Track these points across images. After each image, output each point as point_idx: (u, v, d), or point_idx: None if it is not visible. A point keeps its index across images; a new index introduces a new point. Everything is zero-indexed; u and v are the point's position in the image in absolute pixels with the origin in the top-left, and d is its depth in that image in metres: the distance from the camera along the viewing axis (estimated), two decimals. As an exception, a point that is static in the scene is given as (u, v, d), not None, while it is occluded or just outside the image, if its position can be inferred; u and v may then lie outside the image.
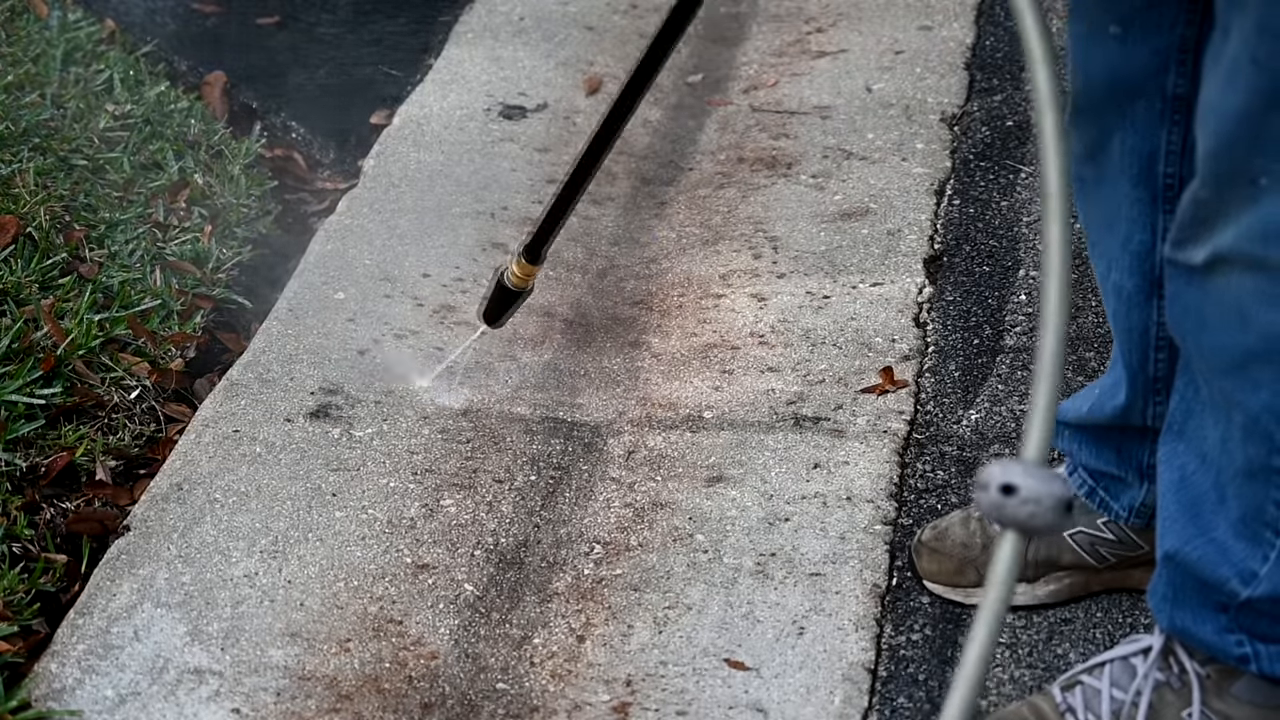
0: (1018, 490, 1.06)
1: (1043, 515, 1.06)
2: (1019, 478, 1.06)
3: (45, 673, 1.83)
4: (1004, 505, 1.06)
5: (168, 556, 2.00)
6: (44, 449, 2.17)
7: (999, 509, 1.06)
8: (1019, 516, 1.06)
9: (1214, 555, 1.57)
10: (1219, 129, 1.40)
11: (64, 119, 2.79)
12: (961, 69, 3.13)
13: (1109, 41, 1.60)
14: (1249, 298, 1.43)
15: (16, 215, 2.50)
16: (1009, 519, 1.06)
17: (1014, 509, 1.06)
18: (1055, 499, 1.06)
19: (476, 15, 3.36)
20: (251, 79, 3.16)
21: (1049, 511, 1.06)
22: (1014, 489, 1.06)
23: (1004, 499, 1.06)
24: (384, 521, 2.08)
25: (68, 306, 2.37)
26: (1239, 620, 1.59)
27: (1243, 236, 1.41)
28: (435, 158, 2.88)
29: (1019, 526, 1.06)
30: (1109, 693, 1.70)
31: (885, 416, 2.25)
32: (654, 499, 2.14)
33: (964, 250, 2.62)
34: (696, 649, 1.89)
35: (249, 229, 2.73)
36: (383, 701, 1.83)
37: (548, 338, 2.48)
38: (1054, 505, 1.06)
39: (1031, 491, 1.06)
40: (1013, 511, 1.06)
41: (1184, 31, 1.56)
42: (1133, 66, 1.59)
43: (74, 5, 3.19)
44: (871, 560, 2.01)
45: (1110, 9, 1.59)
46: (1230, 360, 1.47)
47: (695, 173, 2.91)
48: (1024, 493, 1.06)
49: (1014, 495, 1.06)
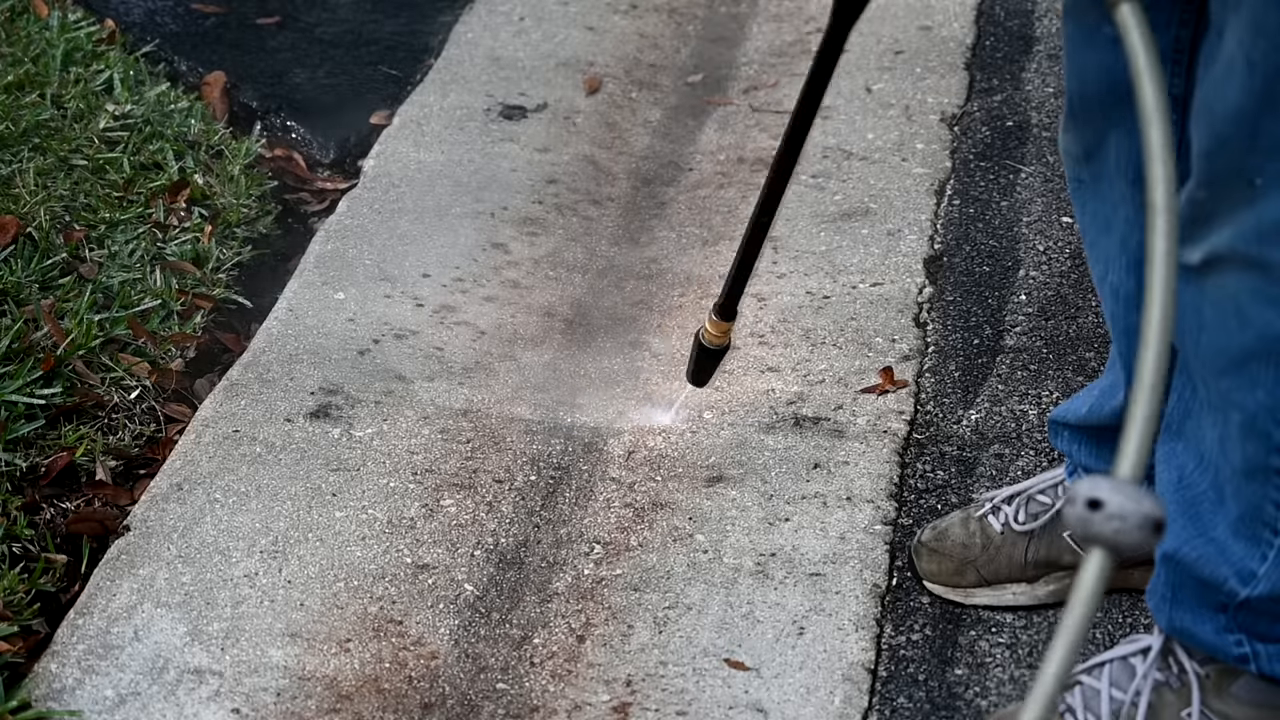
0: (1104, 505, 1.04)
1: (1129, 533, 1.03)
2: (1106, 493, 1.04)
3: (45, 673, 1.83)
4: (1090, 520, 1.04)
5: (168, 556, 2.00)
6: (44, 449, 2.17)
7: (1084, 524, 1.04)
8: (1104, 532, 1.03)
9: (1213, 555, 1.57)
10: (1214, 129, 1.40)
11: (64, 119, 2.79)
12: (961, 69, 3.13)
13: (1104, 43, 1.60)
14: (1246, 297, 1.43)
15: (16, 215, 2.50)
16: (1094, 534, 1.04)
17: (1099, 525, 1.04)
18: (1143, 516, 1.03)
19: (476, 15, 3.36)
20: (251, 79, 3.16)
21: (1135, 529, 1.03)
22: (1100, 504, 1.04)
23: (1089, 514, 1.03)
24: (384, 521, 2.08)
25: (68, 306, 2.37)
26: (1238, 620, 1.59)
27: (1239, 236, 1.41)
28: (435, 158, 2.88)
29: (1104, 543, 1.04)
30: (1108, 693, 1.70)
31: (885, 416, 2.25)
32: (654, 499, 2.14)
33: (964, 250, 2.62)
34: (696, 649, 1.90)
35: (249, 229, 2.73)
36: (383, 701, 1.83)
37: (548, 338, 2.48)
38: (1141, 522, 1.03)
39: (1118, 508, 1.04)
40: (1098, 527, 1.04)
41: (1179, 32, 1.56)
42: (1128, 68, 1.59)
43: (74, 5, 3.19)
44: (871, 560, 2.01)
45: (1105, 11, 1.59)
46: (1228, 360, 1.48)
47: (695, 173, 2.91)
48: (1110, 508, 1.04)
49: (1100, 510, 1.04)
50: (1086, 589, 1.03)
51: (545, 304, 2.55)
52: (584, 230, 2.75)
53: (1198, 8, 1.53)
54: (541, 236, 2.70)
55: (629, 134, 3.03)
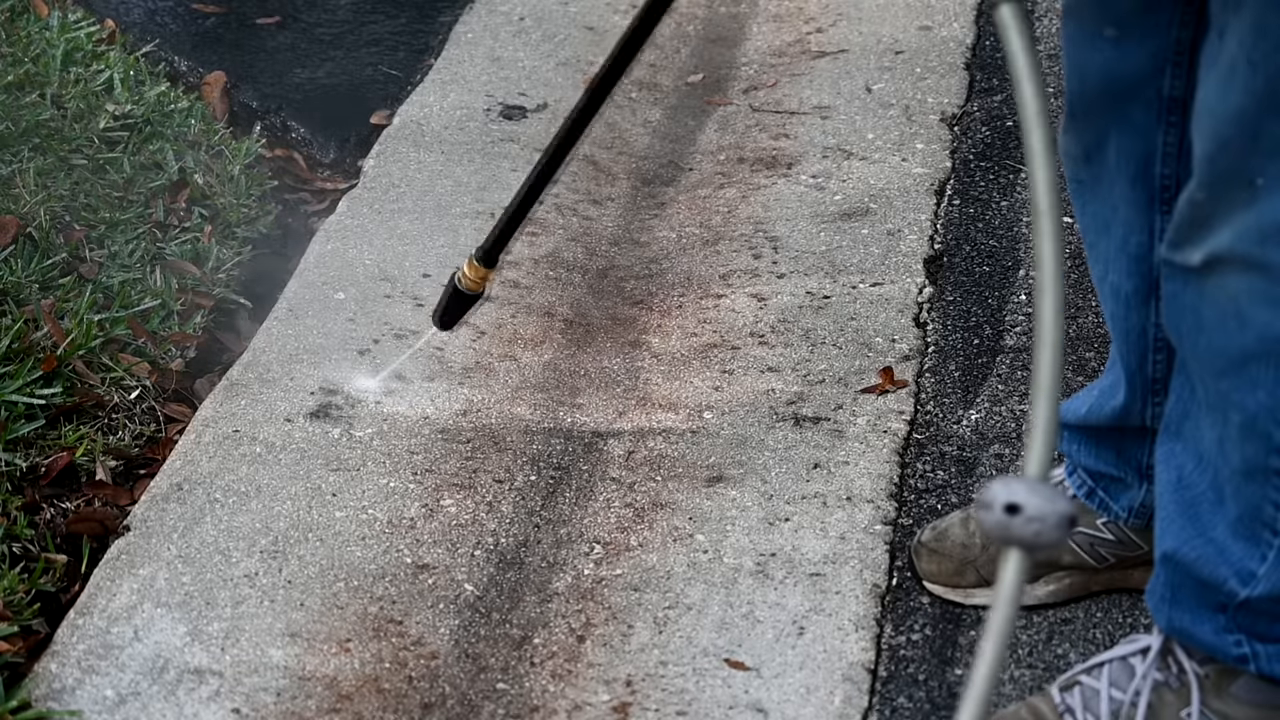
0: (1022, 509, 1.05)
1: (1048, 533, 1.04)
2: (1023, 496, 1.05)
3: (45, 673, 1.83)
4: (1009, 525, 1.05)
5: (168, 556, 2.00)
6: (44, 449, 2.17)
7: (1004, 529, 1.05)
8: (1024, 535, 1.05)
9: (1212, 555, 1.57)
10: (1215, 130, 1.40)
11: (64, 119, 2.79)
12: (961, 69, 3.13)
13: (1105, 44, 1.60)
14: (1246, 298, 1.43)
15: (16, 215, 2.50)
16: (1014, 538, 1.05)
17: (1019, 528, 1.05)
18: (1060, 516, 1.04)
19: (476, 15, 3.36)
20: (251, 79, 3.16)
21: (1054, 529, 1.04)
22: (1018, 508, 1.05)
23: (1009, 519, 1.05)
24: (384, 521, 2.08)
25: (68, 306, 2.37)
26: (1237, 620, 1.59)
27: (1240, 237, 1.41)
28: (435, 158, 2.88)
29: (1024, 545, 1.05)
30: (1108, 693, 1.70)
31: (885, 416, 2.25)
32: (654, 499, 2.14)
33: (964, 250, 2.62)
34: (696, 649, 1.90)
35: (249, 229, 2.73)
36: (383, 701, 1.83)
37: (548, 338, 2.48)
38: (1059, 522, 1.04)
39: (1036, 510, 1.05)
40: (1018, 531, 1.05)
41: (1179, 33, 1.56)
42: (1128, 69, 1.59)
43: (74, 5, 3.19)
44: (871, 560, 2.01)
45: (1106, 11, 1.59)
46: (1227, 361, 1.48)
47: (695, 173, 2.91)
48: (1029, 511, 1.05)
49: (1019, 514, 1.05)
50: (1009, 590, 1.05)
51: (545, 304, 2.55)
52: (584, 230, 2.75)
53: (1198, 9, 1.53)
54: (541, 236, 2.70)
55: (629, 134, 3.03)
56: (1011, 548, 1.05)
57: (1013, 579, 1.05)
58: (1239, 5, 1.35)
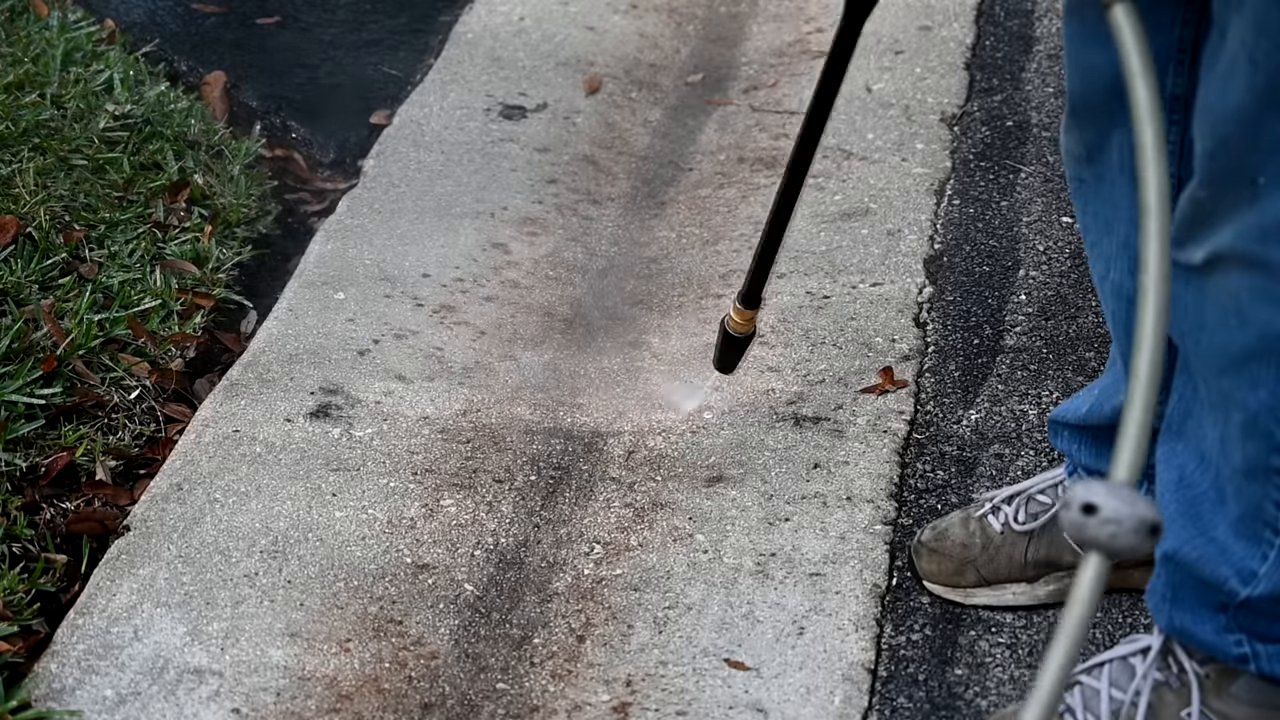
0: (1099, 510, 1.05)
1: (1124, 536, 1.04)
2: (1101, 497, 1.05)
3: (45, 673, 1.83)
4: (1085, 525, 1.04)
5: (168, 556, 2.00)
6: (44, 449, 2.17)
7: (1080, 528, 1.05)
8: (1099, 537, 1.04)
9: (1213, 555, 1.57)
10: (1216, 129, 1.40)
11: (64, 119, 2.79)
12: (961, 69, 3.13)
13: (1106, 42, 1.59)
14: (1247, 296, 1.43)
15: (16, 215, 2.50)
16: (1089, 539, 1.05)
17: (1095, 529, 1.04)
18: (1138, 520, 1.04)
19: (476, 15, 3.36)
20: (251, 79, 3.16)
21: (1130, 533, 1.04)
22: (1095, 509, 1.05)
23: (1085, 518, 1.04)
24: (384, 521, 2.08)
25: (68, 306, 2.37)
26: (1238, 620, 1.59)
27: (1241, 235, 1.41)
28: (435, 158, 2.88)
29: (1099, 547, 1.05)
30: (1108, 693, 1.70)
31: (885, 416, 2.25)
32: (654, 499, 2.14)
33: (964, 250, 2.62)
34: (696, 649, 1.90)
35: (249, 229, 2.73)
36: (383, 701, 1.83)
37: (548, 338, 2.48)
38: (1136, 526, 1.04)
39: (1113, 512, 1.04)
40: (1093, 532, 1.05)
41: (1182, 32, 1.56)
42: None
43: (74, 5, 3.19)
44: (871, 560, 2.01)
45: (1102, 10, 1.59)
46: (1229, 359, 1.48)
47: (695, 173, 2.91)
48: (1105, 513, 1.04)
49: (1095, 515, 1.05)
50: (1085, 592, 1.04)
51: (545, 304, 2.55)
52: (584, 230, 2.75)
53: (1199, 7, 1.54)
54: (541, 236, 2.70)
55: (629, 134, 3.03)
56: (1087, 548, 1.05)
57: (1090, 580, 1.04)
58: (1240, 4, 1.35)
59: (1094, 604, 1.04)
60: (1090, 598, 1.04)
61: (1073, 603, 1.04)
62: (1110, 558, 1.05)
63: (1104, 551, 1.05)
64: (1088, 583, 1.04)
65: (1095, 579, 1.04)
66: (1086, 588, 1.04)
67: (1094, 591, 1.04)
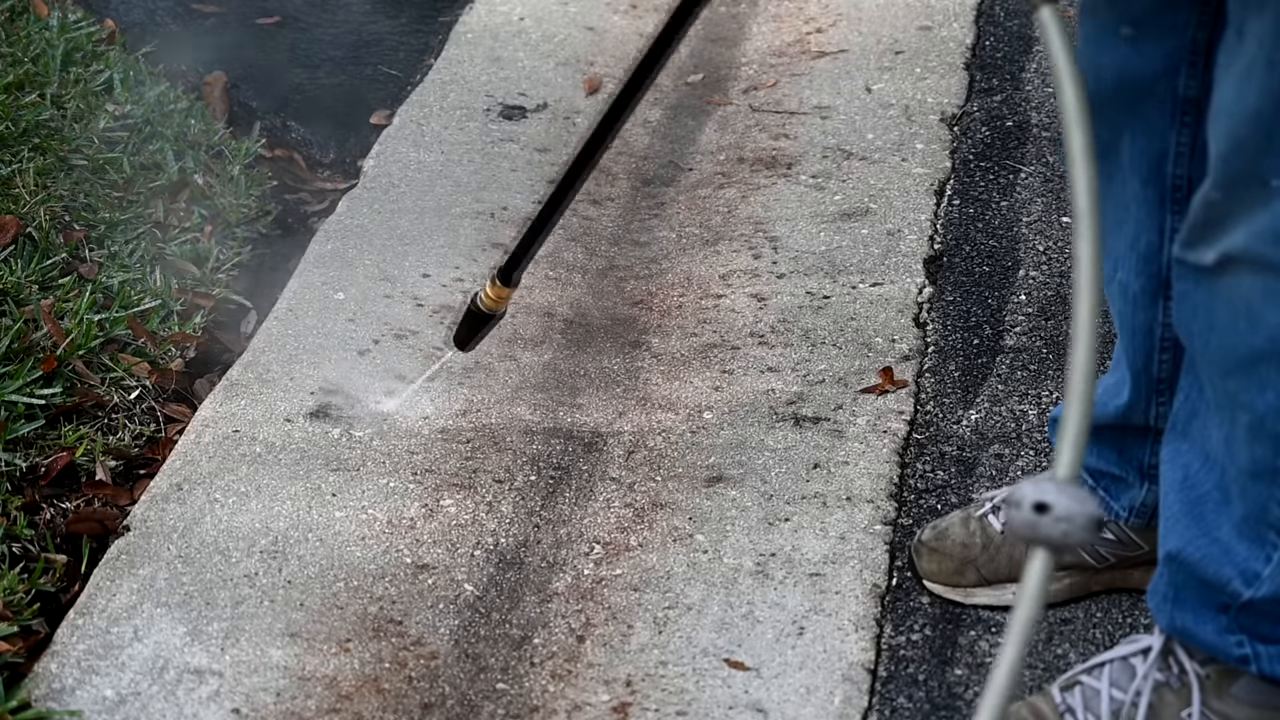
0: (1051, 509, 1.06)
1: (1076, 533, 1.06)
2: (1053, 496, 1.06)
3: (45, 673, 1.83)
4: (1038, 524, 1.06)
5: (168, 556, 2.00)
6: (44, 449, 2.17)
7: (1033, 527, 1.06)
8: (1053, 535, 1.06)
9: (1217, 555, 1.57)
10: (1232, 131, 1.40)
11: (64, 119, 2.79)
12: (961, 69, 3.13)
13: (1120, 43, 1.60)
14: (1258, 298, 1.43)
15: (16, 215, 2.50)
16: (1042, 537, 1.06)
17: (1048, 528, 1.06)
18: (1088, 517, 1.06)
19: (476, 15, 3.36)
20: (251, 79, 3.16)
21: (1081, 530, 1.06)
22: (1048, 507, 1.06)
23: (1038, 517, 1.06)
24: (384, 521, 2.08)
25: (68, 306, 2.37)
26: (1240, 621, 1.59)
27: (1254, 237, 1.41)
28: (435, 158, 2.88)
29: (1051, 545, 1.06)
30: (1108, 693, 1.70)
31: (885, 416, 2.25)
32: (654, 499, 2.14)
33: (964, 250, 2.62)
34: (696, 649, 1.89)
35: (249, 229, 2.73)
36: (383, 701, 1.83)
37: (548, 338, 2.48)
38: (1086, 523, 1.06)
39: (1065, 510, 1.06)
40: (1047, 530, 1.06)
41: (1195, 34, 1.56)
42: (1144, 68, 1.60)
43: (74, 5, 3.19)
44: (871, 560, 2.01)
45: (1122, 11, 1.59)
46: (1237, 360, 1.47)
47: (695, 173, 2.91)
48: (1058, 511, 1.06)
49: (1048, 514, 1.06)
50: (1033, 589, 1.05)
51: (545, 304, 2.55)
52: (584, 230, 2.75)
53: (1215, 10, 1.53)
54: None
55: (629, 134, 3.03)
56: (1039, 547, 1.06)
57: (1038, 578, 1.05)
58: (1260, 5, 1.34)
59: (1042, 602, 1.06)
60: (1039, 596, 1.05)
61: (1023, 600, 1.05)
62: (1059, 555, 1.06)
63: (1056, 549, 1.06)
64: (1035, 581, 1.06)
65: (1043, 577, 1.06)
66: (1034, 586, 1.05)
67: (1043, 589, 1.05)
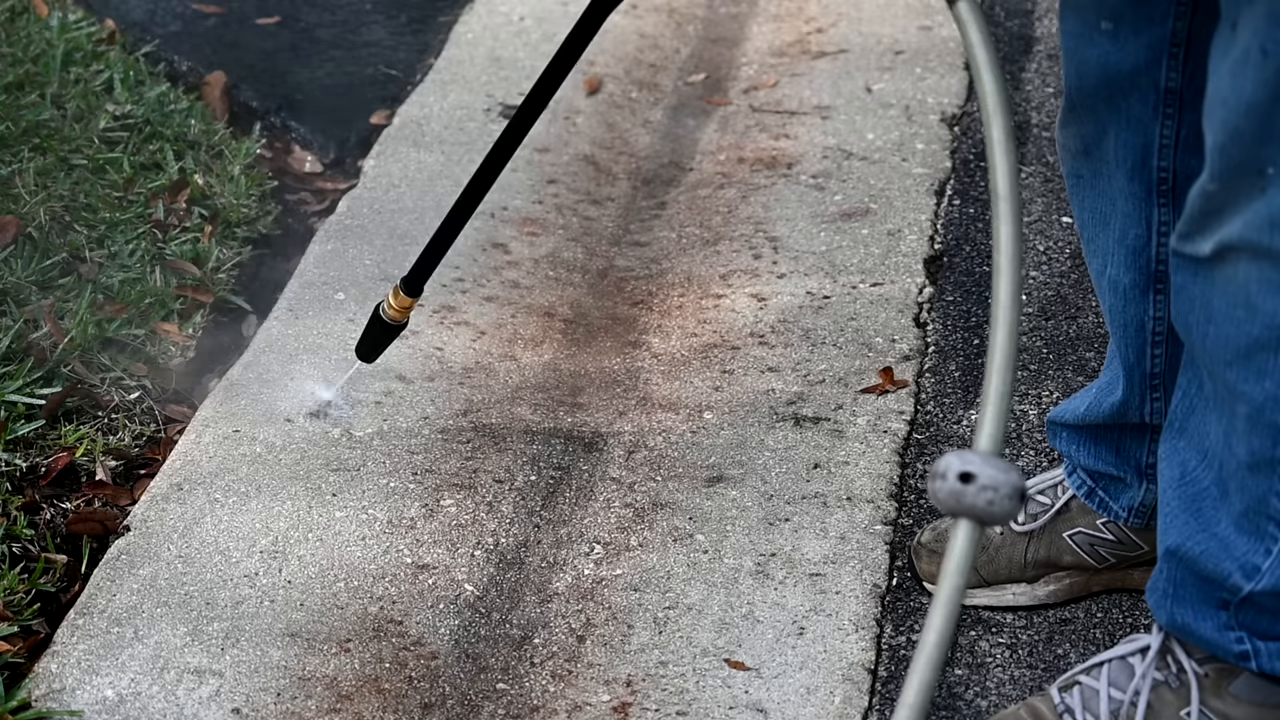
0: (976, 478, 1.06)
1: (1001, 503, 1.06)
2: (977, 465, 1.06)
3: (45, 673, 1.83)
4: (963, 493, 1.06)
5: (168, 556, 2.00)
6: (44, 449, 2.17)
7: (958, 497, 1.06)
8: (977, 504, 1.06)
9: (1216, 550, 1.57)
10: (1227, 121, 1.40)
11: (64, 119, 2.79)
12: (961, 69, 3.13)
13: (1101, 37, 1.60)
14: (1255, 287, 1.43)
15: (16, 215, 2.50)
16: (967, 507, 1.06)
17: (973, 497, 1.06)
18: (1012, 487, 1.06)
19: (476, 15, 3.36)
20: (251, 79, 3.16)
21: (1006, 499, 1.06)
22: (972, 476, 1.06)
23: (963, 487, 1.06)
24: (384, 521, 2.08)
25: (68, 306, 2.37)
26: (1239, 617, 1.59)
27: (1250, 225, 1.41)
28: (435, 158, 2.88)
29: (977, 515, 1.06)
30: (1107, 693, 1.70)
31: (885, 416, 2.25)
32: (654, 499, 2.14)
33: (964, 250, 2.62)
34: (696, 649, 1.90)
35: (249, 229, 2.73)
36: (383, 701, 1.83)
37: (548, 338, 2.48)
38: (1011, 493, 1.06)
39: (990, 479, 1.06)
40: (971, 499, 1.06)
41: (1175, 24, 1.57)
42: (1125, 61, 1.60)
43: (74, 5, 3.19)
44: (871, 560, 2.01)
45: (1101, 5, 1.59)
46: (1235, 351, 1.47)
47: (695, 173, 2.91)
48: (982, 480, 1.06)
49: (972, 483, 1.06)
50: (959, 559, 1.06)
51: (545, 304, 2.55)
52: (584, 230, 2.75)
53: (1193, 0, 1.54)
54: (541, 236, 2.70)
55: (629, 134, 3.03)
56: (963, 518, 1.06)
57: (963, 548, 1.06)
58: None
59: (968, 573, 1.06)
60: (965, 567, 1.05)
61: (949, 571, 1.06)
62: (984, 525, 1.06)
63: (981, 519, 1.06)
64: (961, 551, 1.06)
65: (968, 546, 1.06)
66: (960, 556, 1.05)
67: (969, 560, 1.05)
